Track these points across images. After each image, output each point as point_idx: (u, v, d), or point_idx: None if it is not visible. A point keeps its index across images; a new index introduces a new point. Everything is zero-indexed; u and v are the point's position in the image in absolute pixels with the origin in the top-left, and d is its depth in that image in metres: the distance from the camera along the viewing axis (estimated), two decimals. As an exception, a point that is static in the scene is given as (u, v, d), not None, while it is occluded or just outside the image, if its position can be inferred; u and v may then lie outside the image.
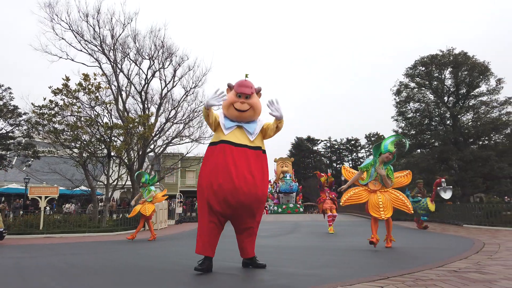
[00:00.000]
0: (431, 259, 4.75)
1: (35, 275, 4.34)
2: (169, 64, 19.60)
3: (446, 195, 11.66)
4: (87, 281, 3.80)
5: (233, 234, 4.29)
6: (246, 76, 4.30)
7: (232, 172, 3.81)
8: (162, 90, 19.81)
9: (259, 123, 4.29)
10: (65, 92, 15.04)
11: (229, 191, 3.79)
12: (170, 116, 19.92)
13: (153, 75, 19.39)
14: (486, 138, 22.71)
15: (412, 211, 6.05)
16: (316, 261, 4.95)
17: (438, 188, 11.82)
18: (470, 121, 22.72)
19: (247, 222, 4.07)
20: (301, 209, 35.24)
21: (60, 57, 17.74)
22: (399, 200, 6.07)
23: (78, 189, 18.71)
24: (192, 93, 20.42)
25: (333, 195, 11.15)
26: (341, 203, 6.56)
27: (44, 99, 15.07)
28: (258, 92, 4.33)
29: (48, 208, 19.90)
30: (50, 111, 15.02)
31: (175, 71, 19.79)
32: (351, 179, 6.60)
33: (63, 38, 17.62)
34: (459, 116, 22.39)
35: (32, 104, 15.13)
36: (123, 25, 18.52)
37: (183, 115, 20.27)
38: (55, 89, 14.97)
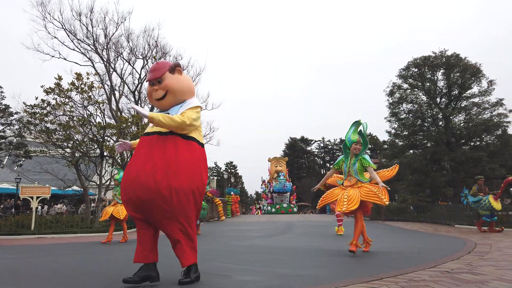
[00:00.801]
0: (424, 260, 4.79)
1: (29, 276, 4.29)
2: (163, 63, 19.49)
3: None
4: (82, 283, 3.77)
5: (230, 235, 4.24)
6: (160, 58, 3.98)
7: (133, 165, 3.33)
8: (155, 90, 19.70)
9: (185, 105, 3.56)
10: (57, 91, 14.91)
11: (128, 186, 3.30)
12: (163, 116, 19.83)
13: (146, 75, 19.29)
14: (478, 139, 22.97)
15: (387, 203, 5.39)
16: (310, 261, 4.97)
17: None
18: (462, 122, 22.96)
19: (166, 225, 3.38)
20: (295, 209, 35.02)
21: (52, 56, 17.57)
22: (370, 192, 5.45)
23: (70, 189, 18.55)
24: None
25: None
26: (317, 207, 6.26)
27: (36, 98, 14.94)
28: (174, 68, 3.56)
29: (39, 207, 19.71)
30: (42, 111, 14.87)
31: (168, 70, 19.68)
32: (323, 179, 6.38)
33: (55, 37, 17.46)
34: (451, 117, 22.61)
35: (23, 103, 14.99)
36: (117, 24, 18.38)
37: (177, 115, 20.19)
38: (47, 88, 14.84)
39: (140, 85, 19.19)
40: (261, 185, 38.30)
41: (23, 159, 18.52)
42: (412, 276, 3.62)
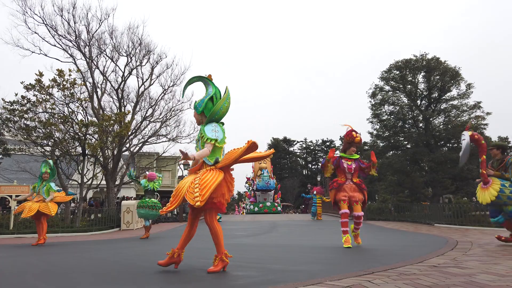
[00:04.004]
0: (410, 256, 4.91)
1: (18, 275, 4.19)
2: (147, 62, 19.26)
3: None
4: (76, 280, 3.72)
5: (225, 234, 4.16)
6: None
7: None
8: (139, 88, 19.47)
9: None
10: (38, 88, 14.55)
11: None
12: (147, 115, 19.63)
13: (130, 73, 19.02)
14: (456, 140, 23.62)
15: (197, 204, 3.50)
16: (300, 258, 5.03)
17: None
18: (441, 124, 23.59)
19: None
20: (279, 208, 33.23)
21: (32, 52, 17.13)
22: (191, 188, 3.70)
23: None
24: (170, 92, 20.20)
25: (360, 181, 6.62)
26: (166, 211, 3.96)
27: (16, 94, 14.57)
28: None
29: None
30: (21, 107, 14.50)
31: (152, 69, 19.45)
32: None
33: (36, 33, 17.03)
34: (431, 119, 23.20)
35: (2, 99, 14.59)
36: (100, 20, 18.07)
37: (160, 113, 20.02)
38: (27, 84, 14.46)
39: (123, 83, 18.94)
40: (245, 182, 37.12)
41: (1, 157, 17.98)
42: (402, 270, 3.71)
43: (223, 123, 4.14)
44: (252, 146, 3.67)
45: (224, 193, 3.88)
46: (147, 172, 11.56)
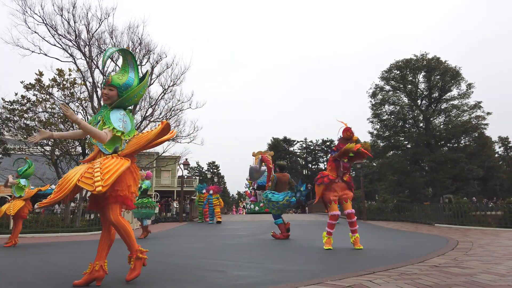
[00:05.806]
0: (411, 256, 4.90)
1: (18, 274, 4.17)
2: (147, 61, 19.25)
3: None
4: (76, 280, 3.70)
5: (216, 234, 4.17)
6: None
7: None
8: (139, 87, 19.47)
9: None
10: (38, 87, 14.55)
11: None
12: (147, 115, 19.59)
13: (130, 72, 19.01)
14: (457, 140, 23.64)
15: (99, 189, 2.84)
16: (300, 258, 5.02)
17: None
18: (442, 124, 23.59)
19: None
20: None
21: (32, 51, 17.09)
22: (87, 172, 3.00)
23: (49, 188, 18.08)
24: (170, 91, 20.18)
25: (350, 179, 6.35)
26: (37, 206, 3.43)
27: (16, 94, 14.57)
28: None
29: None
30: (21, 107, 14.50)
31: (152, 68, 19.41)
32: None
33: (35, 32, 17.01)
34: (431, 119, 23.19)
35: (2, 99, 14.60)
36: (100, 20, 18.06)
37: (160, 113, 19.99)
38: (27, 84, 14.46)
39: (123, 82, 18.90)
40: (246, 182, 36.70)
41: (1, 156, 17.98)
42: (403, 270, 3.70)
43: (130, 110, 3.55)
44: (166, 129, 3.17)
45: (130, 185, 3.31)
46: (142, 171, 11.29)
